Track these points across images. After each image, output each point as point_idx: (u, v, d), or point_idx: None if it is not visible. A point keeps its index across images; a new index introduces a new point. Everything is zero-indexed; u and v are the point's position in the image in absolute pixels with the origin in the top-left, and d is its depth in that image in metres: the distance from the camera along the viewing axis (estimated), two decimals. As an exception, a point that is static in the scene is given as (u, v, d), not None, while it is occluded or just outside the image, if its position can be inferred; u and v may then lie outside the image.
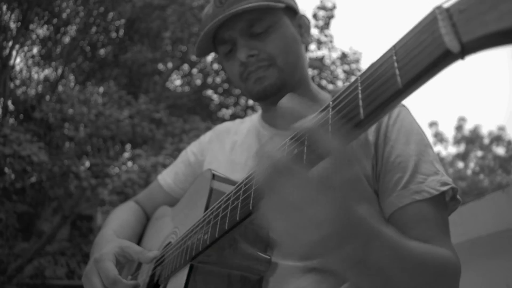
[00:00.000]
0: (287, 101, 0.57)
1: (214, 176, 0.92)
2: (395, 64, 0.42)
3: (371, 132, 1.00)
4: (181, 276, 0.82)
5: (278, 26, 1.06)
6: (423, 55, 0.39)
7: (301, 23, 1.14)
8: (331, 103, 0.51)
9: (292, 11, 1.12)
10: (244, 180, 0.66)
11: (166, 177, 1.33)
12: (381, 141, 0.99)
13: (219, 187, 0.89)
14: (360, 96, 0.46)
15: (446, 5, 0.39)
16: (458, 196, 0.96)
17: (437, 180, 0.93)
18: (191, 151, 1.34)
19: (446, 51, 0.37)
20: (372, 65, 0.47)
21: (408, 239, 0.76)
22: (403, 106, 1.06)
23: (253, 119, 1.27)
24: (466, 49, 0.36)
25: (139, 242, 1.24)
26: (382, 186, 0.96)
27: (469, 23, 0.35)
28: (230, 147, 1.23)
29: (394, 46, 0.45)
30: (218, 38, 1.09)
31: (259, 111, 1.26)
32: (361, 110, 0.44)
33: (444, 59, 0.37)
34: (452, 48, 0.36)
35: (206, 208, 0.86)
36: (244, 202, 0.62)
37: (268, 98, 1.09)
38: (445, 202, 0.95)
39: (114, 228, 1.15)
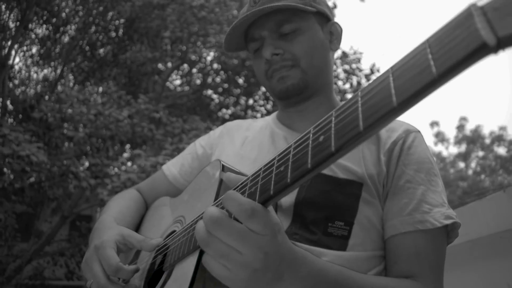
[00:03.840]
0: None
1: (223, 167, 0.92)
2: (429, 56, 0.44)
3: (384, 151, 1.05)
4: (190, 262, 0.81)
5: (306, 29, 1.09)
6: (459, 48, 0.41)
7: (332, 30, 1.17)
8: (359, 92, 0.54)
9: (325, 17, 1.15)
10: (253, 174, 0.69)
11: (172, 168, 1.32)
12: (393, 162, 1.03)
13: (229, 178, 0.89)
14: (392, 85, 0.48)
15: (480, 4, 0.42)
16: (458, 230, 1.01)
17: (442, 213, 0.97)
18: (199, 144, 1.34)
19: (483, 43, 0.39)
20: (404, 57, 0.49)
21: (366, 276, 0.87)
22: (418, 132, 1.10)
23: (267, 118, 1.30)
24: (502, 43, 0.39)
25: (136, 231, 1.22)
26: (389, 207, 1.01)
27: (504, 19, 0.38)
28: (241, 142, 1.24)
29: (427, 40, 0.47)
30: (249, 36, 1.14)
31: (274, 113, 1.29)
32: (394, 98, 0.47)
33: (479, 51, 0.40)
34: (489, 41, 0.39)
35: (216, 198, 0.86)
36: (251, 198, 0.65)
37: (290, 98, 1.13)
38: (445, 235, 0.99)
39: (114, 215, 1.13)
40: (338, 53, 12.92)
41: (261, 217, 0.62)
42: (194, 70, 13.05)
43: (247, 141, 1.23)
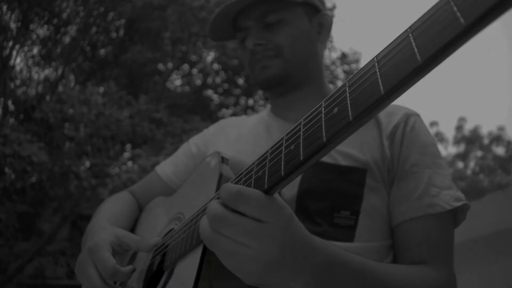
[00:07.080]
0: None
1: (223, 159, 0.87)
2: (455, 8, 0.43)
3: (386, 135, 1.02)
4: (192, 259, 0.76)
5: (291, 20, 1.07)
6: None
7: (322, 21, 1.14)
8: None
9: (314, 8, 1.12)
10: (259, 157, 0.65)
11: (165, 168, 1.27)
12: (396, 146, 1.00)
13: (229, 170, 0.84)
14: (414, 43, 0.47)
15: None
16: (466, 213, 0.98)
17: (451, 195, 0.94)
18: (193, 142, 1.30)
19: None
20: (422, 17, 0.48)
21: (386, 265, 0.82)
22: (418, 115, 1.08)
23: (261, 113, 1.28)
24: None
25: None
26: (396, 192, 0.98)
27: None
28: (236, 138, 1.21)
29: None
30: (236, 25, 1.12)
31: (268, 107, 1.27)
32: (418, 56, 0.46)
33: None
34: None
35: (217, 190, 0.81)
36: (258, 183, 0.62)
37: (271, 88, 1.12)
38: (453, 218, 0.96)
39: (108, 218, 1.08)
40: (337, 54, 12.97)
41: (252, 199, 0.58)
42: (195, 71, 13.07)
43: (243, 136, 1.20)
